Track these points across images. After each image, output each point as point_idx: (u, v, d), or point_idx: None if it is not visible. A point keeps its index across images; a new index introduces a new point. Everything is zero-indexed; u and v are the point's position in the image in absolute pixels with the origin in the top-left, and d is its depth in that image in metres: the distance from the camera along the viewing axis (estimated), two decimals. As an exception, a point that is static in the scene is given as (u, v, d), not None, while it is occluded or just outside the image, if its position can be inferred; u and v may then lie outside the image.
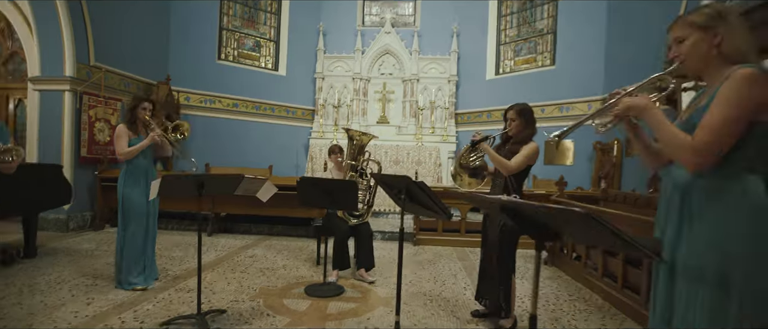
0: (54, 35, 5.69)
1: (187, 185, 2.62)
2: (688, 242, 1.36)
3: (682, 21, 1.44)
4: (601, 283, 3.58)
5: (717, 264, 1.30)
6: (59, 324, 2.59)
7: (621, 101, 1.49)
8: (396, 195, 2.57)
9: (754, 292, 1.27)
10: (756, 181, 1.28)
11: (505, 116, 2.89)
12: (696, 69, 1.42)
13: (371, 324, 2.79)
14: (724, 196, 1.30)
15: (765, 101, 1.25)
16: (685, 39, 1.41)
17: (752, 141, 1.28)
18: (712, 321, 1.31)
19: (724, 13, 1.37)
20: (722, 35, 1.35)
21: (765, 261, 1.26)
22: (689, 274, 1.37)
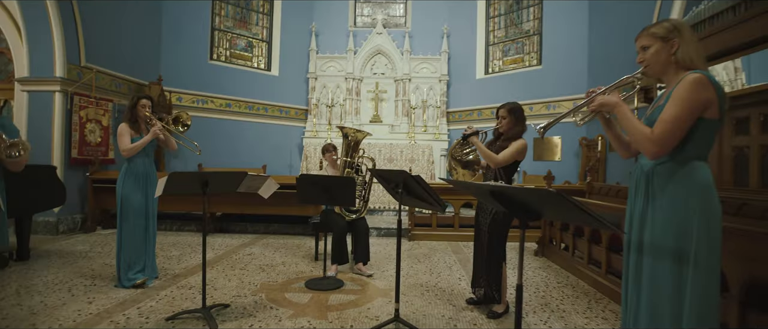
0: (44, 36, 5.67)
1: (192, 182, 2.70)
2: (652, 218, 1.59)
3: (646, 32, 1.67)
4: (587, 270, 3.75)
5: (676, 235, 1.53)
6: (64, 323, 2.65)
7: (596, 98, 1.73)
8: (393, 189, 2.69)
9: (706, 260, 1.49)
10: (702, 166, 1.55)
11: (497, 113, 3.02)
12: (657, 72, 1.68)
13: (371, 313, 2.89)
14: (678, 178, 1.55)
15: (709, 101, 1.50)
16: (649, 47, 1.65)
17: (699, 133, 1.53)
18: (674, 291, 1.53)
19: (679, 27, 1.62)
20: (678, 45, 1.59)
21: (712, 230, 1.51)
22: (653, 248, 1.59)
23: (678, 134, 1.52)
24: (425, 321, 2.76)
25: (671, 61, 1.61)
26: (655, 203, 1.59)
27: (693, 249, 1.50)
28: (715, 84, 1.52)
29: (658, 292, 1.57)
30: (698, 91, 1.49)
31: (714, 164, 4.34)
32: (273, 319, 2.76)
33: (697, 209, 1.51)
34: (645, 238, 1.62)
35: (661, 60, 1.63)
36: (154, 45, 7.87)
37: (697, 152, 1.55)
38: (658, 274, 1.58)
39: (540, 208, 1.37)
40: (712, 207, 1.53)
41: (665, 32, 1.62)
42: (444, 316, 2.87)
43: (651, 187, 1.61)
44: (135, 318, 2.72)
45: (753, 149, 3.95)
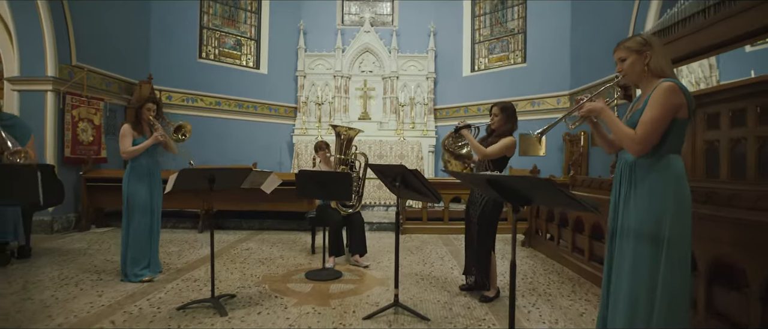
0: (34, 35, 5.66)
1: (200, 178, 2.83)
2: (635, 205, 1.81)
3: (622, 46, 1.90)
4: (571, 258, 4.00)
5: (652, 221, 1.76)
6: (78, 314, 2.75)
7: (585, 105, 1.94)
8: (391, 183, 2.86)
9: (677, 241, 1.72)
10: (677, 158, 1.79)
11: (490, 111, 3.21)
12: (633, 80, 1.91)
13: (371, 300, 3.07)
14: (656, 170, 1.78)
15: (681, 105, 1.73)
16: (625, 59, 1.88)
17: (673, 132, 1.77)
18: (651, 272, 1.76)
19: (650, 41, 1.86)
20: (650, 57, 1.83)
21: (683, 216, 1.74)
22: (634, 231, 1.81)
23: (657, 134, 1.74)
24: (422, 305, 2.95)
25: (645, 70, 1.85)
26: (637, 191, 1.82)
27: (667, 232, 1.73)
28: (684, 90, 1.75)
29: (636, 270, 1.79)
30: (671, 97, 1.73)
31: (688, 157, 4.64)
32: (279, 307, 2.91)
33: (671, 196, 1.74)
34: (627, 223, 1.85)
35: (636, 70, 1.86)
36: (143, 43, 7.86)
37: (672, 148, 1.79)
38: (637, 254, 1.80)
39: (530, 194, 1.57)
40: (684, 195, 1.76)
41: (638, 46, 1.85)
42: (439, 301, 3.07)
43: (634, 177, 1.84)
44: (146, 309, 2.84)
45: (722, 142, 4.24)
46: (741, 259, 2.13)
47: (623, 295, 1.84)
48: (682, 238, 1.74)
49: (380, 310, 2.78)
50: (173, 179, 2.68)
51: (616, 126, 1.84)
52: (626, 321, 1.80)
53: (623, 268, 1.86)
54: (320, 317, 2.74)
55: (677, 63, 4.57)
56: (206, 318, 2.68)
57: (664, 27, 4.71)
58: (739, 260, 2.15)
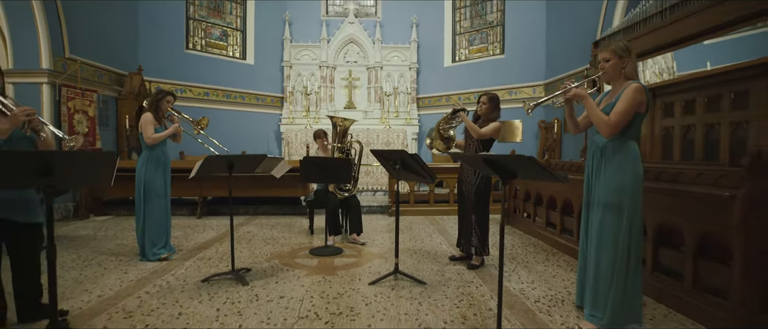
0: (28, 27, 5.71)
1: (221, 164, 3.15)
2: (604, 178, 2.29)
3: (609, 48, 2.34)
4: (546, 232, 4.52)
5: (618, 192, 2.22)
6: (112, 288, 3.04)
7: (572, 90, 2.38)
8: (392, 166, 3.26)
9: (634, 210, 2.19)
10: (634, 143, 2.27)
11: (478, 100, 3.62)
12: (611, 79, 2.37)
13: (373, 270, 3.48)
14: (620, 151, 2.26)
15: (643, 102, 2.20)
16: (609, 60, 2.33)
17: (634, 123, 2.24)
18: (613, 237, 2.24)
19: (630, 49, 2.32)
20: (627, 63, 2.30)
21: (637, 189, 2.22)
22: (601, 202, 2.28)
23: (624, 122, 2.21)
24: (418, 273, 3.38)
25: (621, 73, 2.31)
26: (606, 167, 2.30)
27: (627, 202, 2.21)
28: (646, 90, 2.23)
29: (603, 231, 2.28)
30: (638, 95, 2.18)
31: (647, 141, 5.22)
32: (292, 277, 3.29)
33: (631, 173, 2.22)
34: (597, 195, 2.33)
35: (616, 71, 2.32)
36: (132, 34, 7.90)
37: (633, 135, 2.27)
38: (604, 221, 2.28)
39: (516, 169, 1.99)
40: (640, 173, 2.24)
41: (622, 52, 2.29)
42: (433, 269, 3.51)
43: (604, 156, 2.31)
44: (173, 282, 3.16)
45: (676, 129, 4.82)
46: (680, 224, 2.63)
47: (594, 250, 2.32)
48: (637, 208, 2.22)
49: (383, 277, 3.19)
50: (198, 164, 2.99)
51: (594, 111, 2.30)
52: (596, 274, 2.29)
53: (594, 232, 2.34)
54: (331, 284, 3.13)
55: (642, 57, 5.09)
56: (231, 287, 3.03)
57: (628, 25, 5.23)
58: (678, 224, 2.66)
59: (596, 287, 2.29)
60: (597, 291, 2.29)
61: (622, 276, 2.21)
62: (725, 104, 4.14)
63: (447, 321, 2.45)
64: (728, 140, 4.10)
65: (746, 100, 3.92)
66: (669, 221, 2.75)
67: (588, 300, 2.36)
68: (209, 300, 2.79)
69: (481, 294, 2.94)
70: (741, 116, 3.98)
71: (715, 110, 4.25)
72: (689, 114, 4.58)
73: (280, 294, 2.90)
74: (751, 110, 3.85)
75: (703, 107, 4.41)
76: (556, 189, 4.42)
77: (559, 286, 3.11)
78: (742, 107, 3.97)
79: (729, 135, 4.09)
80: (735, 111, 4.03)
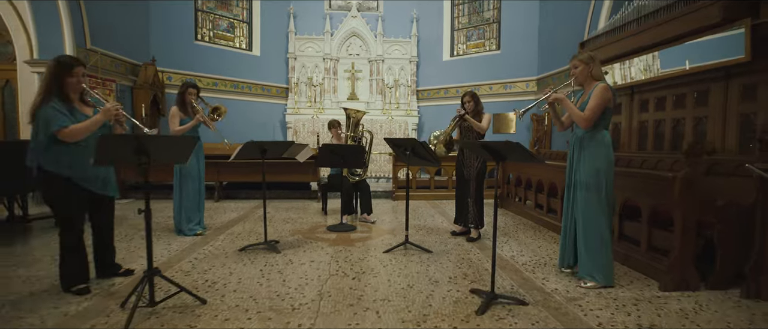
0: (52, 19, 6.10)
1: (255, 149, 3.66)
2: (583, 164, 2.84)
3: (577, 59, 2.90)
4: (534, 212, 5.11)
5: (594, 174, 2.77)
6: (162, 256, 3.56)
7: (552, 95, 2.90)
8: (403, 152, 3.79)
9: (607, 189, 2.73)
10: (606, 133, 2.82)
11: (462, 99, 4.14)
12: (581, 82, 2.91)
13: (385, 242, 4.04)
14: (594, 140, 2.80)
15: (610, 98, 2.74)
16: (578, 67, 2.88)
17: (604, 116, 2.78)
18: (595, 211, 2.78)
19: (594, 57, 2.87)
20: (592, 67, 2.84)
21: (609, 172, 2.77)
22: (581, 183, 2.82)
23: (597, 116, 2.76)
24: (425, 244, 3.93)
25: (589, 75, 2.86)
26: (584, 154, 2.84)
27: (602, 183, 2.76)
28: (611, 88, 2.78)
29: (583, 208, 2.83)
30: (605, 93, 2.74)
31: (625, 133, 5.81)
32: (317, 247, 3.84)
33: (603, 158, 2.77)
34: (577, 177, 2.88)
35: (584, 75, 2.87)
36: (145, 26, 8.29)
37: (604, 126, 2.82)
38: (584, 199, 2.83)
39: (507, 154, 2.55)
40: (611, 158, 2.80)
41: (587, 59, 2.86)
42: (437, 241, 4.08)
43: (582, 145, 2.86)
44: (214, 251, 3.69)
45: (650, 123, 5.42)
46: (638, 200, 3.21)
47: (578, 223, 2.88)
48: (609, 187, 2.78)
49: (395, 246, 3.76)
50: (238, 150, 3.51)
51: (572, 110, 2.85)
52: (583, 244, 2.85)
53: (576, 209, 2.89)
54: (351, 252, 3.69)
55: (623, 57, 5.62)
56: (266, 255, 3.57)
57: (609, 29, 5.78)
58: (637, 201, 3.24)
59: (590, 253, 2.84)
60: (592, 257, 2.83)
61: (599, 239, 2.78)
62: (689, 102, 4.73)
63: (451, 278, 3.03)
64: (691, 133, 4.71)
65: (706, 98, 4.52)
66: (632, 199, 3.33)
67: (583, 264, 2.89)
68: (251, 263, 3.34)
69: (479, 259, 3.52)
70: (701, 112, 4.58)
71: (681, 106, 4.85)
72: (660, 110, 5.17)
73: (310, 259, 3.45)
74: (708, 107, 4.45)
75: (671, 104, 5.00)
76: (543, 174, 5.00)
77: (542, 253, 3.70)
78: (702, 105, 4.56)
79: (692, 129, 4.69)
80: (697, 108, 4.63)
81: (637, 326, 2.27)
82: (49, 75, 2.57)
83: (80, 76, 2.62)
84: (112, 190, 2.89)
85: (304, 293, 2.70)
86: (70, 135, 2.51)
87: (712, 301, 2.61)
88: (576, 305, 2.55)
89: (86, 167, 2.59)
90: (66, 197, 2.60)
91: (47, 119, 2.47)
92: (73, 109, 2.61)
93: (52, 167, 2.53)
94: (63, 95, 2.57)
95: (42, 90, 2.56)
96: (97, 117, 2.63)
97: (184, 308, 2.44)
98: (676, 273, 2.75)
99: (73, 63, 2.63)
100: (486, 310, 2.43)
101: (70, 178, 2.58)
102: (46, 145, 2.49)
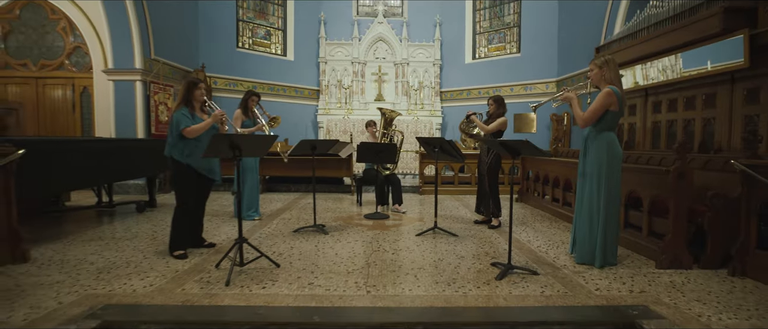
0: (124, 33, 6.96)
1: (307, 146, 4.31)
2: (588, 158, 3.31)
3: (593, 63, 3.33)
4: (550, 205, 5.60)
5: (597, 167, 3.24)
6: (230, 235, 4.25)
7: (565, 94, 3.38)
8: (432, 149, 4.37)
9: (609, 182, 3.21)
10: (610, 133, 3.23)
11: (488, 102, 4.69)
12: (595, 83, 3.34)
13: (416, 228, 4.62)
14: (597, 138, 3.24)
15: (612, 103, 3.15)
16: (593, 70, 3.31)
17: (607, 118, 3.21)
18: (598, 197, 3.26)
19: (609, 61, 3.26)
20: (606, 72, 3.25)
21: (613, 166, 3.21)
22: (587, 174, 3.31)
23: (594, 117, 3.19)
24: (451, 229, 4.50)
25: (603, 78, 3.27)
26: (588, 150, 3.32)
27: (604, 174, 3.22)
28: (616, 94, 3.17)
29: (588, 196, 3.31)
30: (606, 98, 3.15)
31: (640, 133, 6.21)
32: (358, 230, 4.46)
33: (605, 154, 3.23)
34: (583, 169, 3.36)
35: (598, 78, 3.28)
36: (194, 36, 9.14)
37: (606, 127, 3.23)
38: (588, 189, 3.31)
39: (520, 149, 3.09)
40: (615, 153, 3.20)
41: (601, 64, 3.26)
42: (461, 227, 4.64)
43: (588, 143, 3.33)
44: (272, 232, 4.36)
45: (662, 123, 5.81)
46: (640, 191, 3.69)
47: (583, 213, 3.38)
48: (612, 179, 3.22)
49: (426, 230, 4.34)
50: (294, 147, 4.17)
51: (575, 109, 3.33)
52: (585, 229, 3.33)
53: (583, 197, 3.39)
54: (387, 234, 4.29)
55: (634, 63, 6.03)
56: (317, 235, 4.22)
57: (623, 35, 6.19)
58: (639, 192, 3.71)
59: (594, 240, 3.31)
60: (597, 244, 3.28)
61: (603, 226, 3.27)
62: (699, 104, 5.12)
63: (475, 255, 3.59)
64: (700, 132, 5.10)
65: (714, 101, 4.90)
66: (635, 191, 3.81)
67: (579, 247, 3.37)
68: (306, 241, 3.99)
69: (498, 241, 4.06)
70: (710, 113, 4.96)
71: (691, 108, 5.24)
72: (672, 111, 5.57)
73: (354, 239, 4.08)
74: (716, 109, 4.84)
75: (683, 106, 5.39)
76: (559, 171, 5.48)
77: (556, 239, 4.21)
78: (711, 106, 4.95)
79: (701, 128, 5.09)
80: (706, 109, 5.02)
81: (629, 292, 2.78)
82: (183, 90, 3.38)
83: (202, 91, 3.38)
84: (217, 176, 3.61)
85: (354, 262, 3.32)
86: (190, 133, 3.26)
87: (700, 277, 3.08)
88: (580, 276, 3.07)
89: (202, 159, 3.32)
90: (186, 180, 3.35)
91: (177, 121, 3.24)
92: (194, 114, 3.36)
93: (179, 157, 3.28)
94: (189, 104, 3.33)
95: (178, 100, 3.40)
96: (208, 120, 3.36)
97: (263, 269, 3.09)
98: (669, 253, 3.23)
99: (198, 82, 3.45)
100: (503, 277, 2.98)
101: (190, 165, 3.30)
102: (176, 140, 3.24)
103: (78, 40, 7.59)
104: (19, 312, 2.36)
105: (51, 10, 7.41)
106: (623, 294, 2.72)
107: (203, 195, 3.66)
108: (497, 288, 2.80)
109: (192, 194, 3.47)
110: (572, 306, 2.50)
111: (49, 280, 2.88)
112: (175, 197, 3.49)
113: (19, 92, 7.62)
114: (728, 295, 2.71)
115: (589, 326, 2.25)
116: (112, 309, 2.39)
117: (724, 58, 4.53)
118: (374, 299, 2.58)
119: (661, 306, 2.50)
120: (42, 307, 2.43)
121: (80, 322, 2.22)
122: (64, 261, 3.33)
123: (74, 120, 7.73)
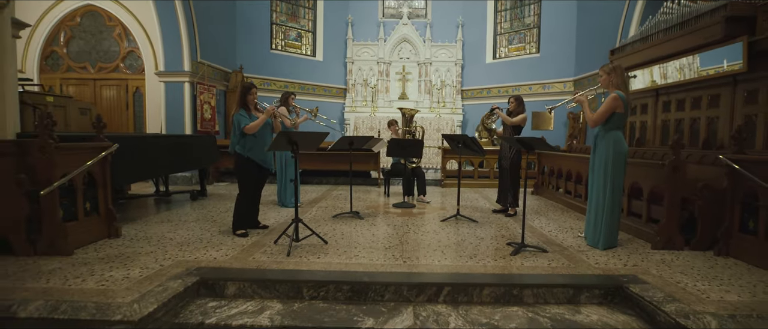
0: (174, 38, 7.72)
1: (344, 142, 4.93)
2: (596, 154, 3.79)
3: (602, 70, 3.77)
4: (564, 197, 6.07)
5: (604, 162, 3.73)
6: (278, 219, 4.91)
7: (578, 96, 3.87)
8: (455, 144, 4.92)
9: (614, 175, 3.69)
10: (617, 132, 3.67)
11: (508, 101, 5.19)
12: (604, 87, 3.79)
13: (439, 215, 5.19)
14: (605, 137, 3.70)
15: (617, 106, 3.61)
16: (602, 76, 3.76)
17: (614, 119, 3.67)
18: (605, 188, 3.75)
19: (616, 68, 3.72)
20: (613, 77, 3.70)
21: (617, 161, 3.68)
22: (595, 168, 3.81)
23: (602, 119, 3.66)
24: (472, 216, 5.05)
25: (610, 83, 3.72)
26: (597, 147, 3.80)
27: (610, 170, 3.72)
28: (622, 98, 3.61)
29: (597, 190, 3.81)
30: (612, 102, 3.61)
31: (651, 131, 6.59)
32: (389, 217, 5.06)
33: (612, 151, 3.70)
34: (593, 164, 3.85)
35: (607, 83, 3.72)
36: (233, 38, 9.89)
37: (613, 126, 3.68)
38: (596, 182, 3.81)
39: (534, 145, 3.62)
40: (620, 150, 3.66)
41: (609, 70, 3.72)
42: (481, 215, 5.18)
43: (596, 141, 3.81)
44: (314, 217, 5.00)
45: (671, 121, 6.19)
46: (641, 182, 4.15)
47: (591, 202, 3.88)
48: (617, 173, 3.69)
49: (449, 217, 4.91)
50: (334, 142, 4.79)
51: (585, 111, 3.81)
52: (593, 216, 3.82)
53: (592, 189, 3.88)
54: (414, 220, 4.88)
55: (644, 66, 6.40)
56: (354, 220, 4.84)
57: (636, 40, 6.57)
58: (640, 183, 4.18)
59: (598, 225, 3.80)
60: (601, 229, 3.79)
61: (609, 214, 3.76)
62: (704, 104, 5.50)
63: (493, 237, 4.14)
64: (705, 130, 5.48)
65: (718, 101, 5.28)
66: (637, 183, 4.28)
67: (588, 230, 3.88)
68: (345, 224, 4.61)
69: (514, 227, 4.60)
70: (714, 113, 5.34)
71: (697, 107, 5.62)
72: (680, 110, 5.94)
73: (386, 224, 4.68)
74: (720, 108, 5.22)
75: (690, 105, 5.77)
76: (572, 165, 5.93)
77: (565, 225, 4.71)
78: (715, 106, 5.33)
79: (706, 126, 5.47)
80: (710, 109, 5.40)
81: (623, 266, 3.28)
82: (240, 93, 4.02)
83: (255, 94, 4.01)
84: (272, 167, 4.27)
85: (390, 241, 3.92)
86: (250, 129, 3.90)
87: (688, 256, 3.55)
88: (583, 254, 3.59)
89: (260, 152, 3.96)
90: (247, 171, 4.00)
91: (238, 121, 3.87)
92: (250, 114, 4.00)
93: (242, 151, 3.94)
94: (245, 106, 3.97)
95: (236, 103, 4.02)
96: (262, 116, 4.01)
97: (314, 246, 3.73)
98: (663, 235, 3.71)
99: (251, 86, 4.07)
100: (517, 253, 3.53)
101: (250, 158, 3.96)
102: (239, 138, 3.89)
103: (132, 44, 8.43)
104: (135, 271, 3.04)
105: (108, 18, 8.27)
106: (618, 267, 3.23)
107: (260, 184, 4.31)
108: (511, 261, 3.35)
109: (252, 183, 4.12)
110: (573, 274, 3.03)
111: (143, 250, 3.58)
112: (238, 185, 4.15)
113: (78, 92, 8.51)
114: (709, 270, 3.19)
115: (585, 287, 2.78)
116: (204, 269, 3.06)
117: (727, 62, 4.91)
118: (410, 267, 3.17)
119: (649, 275, 3.01)
120: (149, 268, 3.11)
121: (185, 277, 2.88)
122: (148, 237, 4.03)
123: (127, 118, 8.59)
